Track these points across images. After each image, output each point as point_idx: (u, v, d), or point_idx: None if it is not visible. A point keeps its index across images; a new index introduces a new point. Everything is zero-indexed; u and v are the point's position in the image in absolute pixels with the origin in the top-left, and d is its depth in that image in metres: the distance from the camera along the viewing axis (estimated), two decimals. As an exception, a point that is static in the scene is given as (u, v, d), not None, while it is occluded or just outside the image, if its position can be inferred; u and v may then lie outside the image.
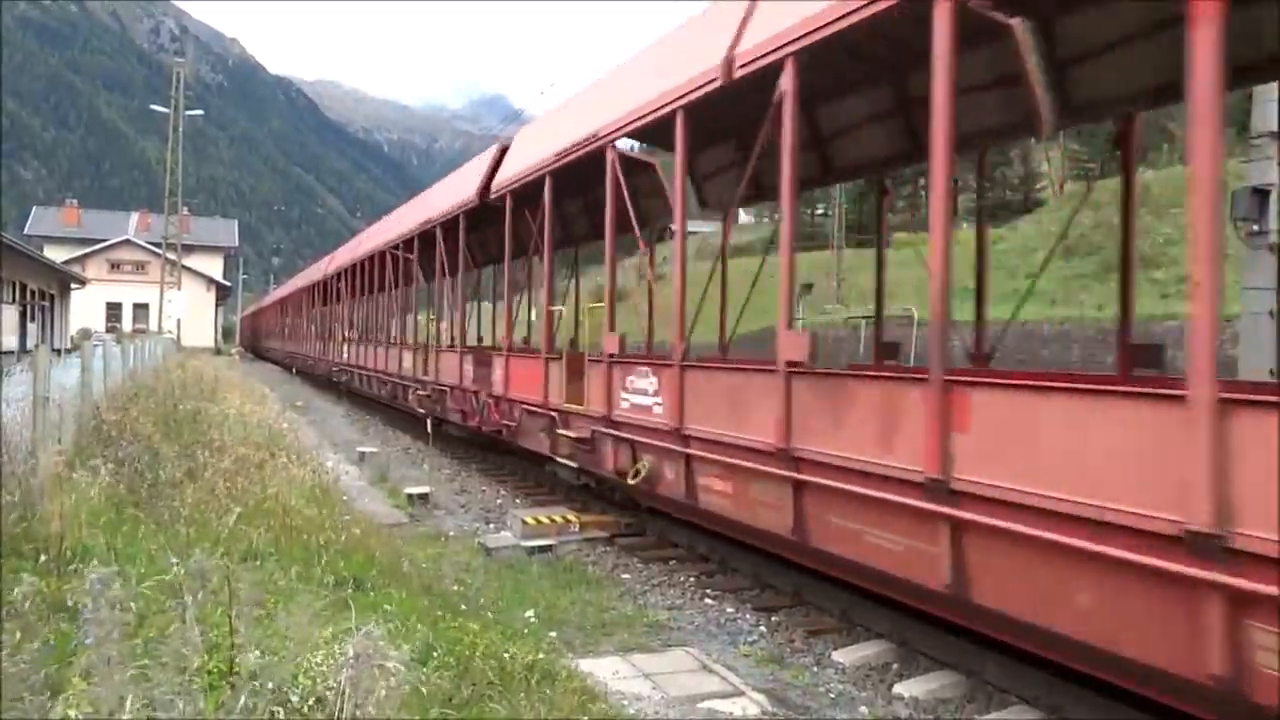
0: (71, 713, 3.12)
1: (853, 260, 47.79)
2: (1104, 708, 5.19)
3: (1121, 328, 8.03)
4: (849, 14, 5.80)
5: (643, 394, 8.80)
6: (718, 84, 7.42)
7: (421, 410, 17.47)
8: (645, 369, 8.82)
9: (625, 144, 9.94)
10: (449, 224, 16.03)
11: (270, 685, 3.42)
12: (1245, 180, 10.94)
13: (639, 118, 8.88)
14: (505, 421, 12.80)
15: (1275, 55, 6.57)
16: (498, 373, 13.23)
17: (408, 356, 19.22)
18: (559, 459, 10.90)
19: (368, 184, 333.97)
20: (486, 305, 22.76)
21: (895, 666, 6.46)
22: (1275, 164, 10.72)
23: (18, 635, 3.66)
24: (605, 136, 9.63)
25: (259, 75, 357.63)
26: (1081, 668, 4.81)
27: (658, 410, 8.48)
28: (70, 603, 4.05)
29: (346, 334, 28.34)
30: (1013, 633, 5.12)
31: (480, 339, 20.29)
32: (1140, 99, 7.59)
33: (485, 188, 13.89)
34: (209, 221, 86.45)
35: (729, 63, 7.27)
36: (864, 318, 28.95)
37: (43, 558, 5.21)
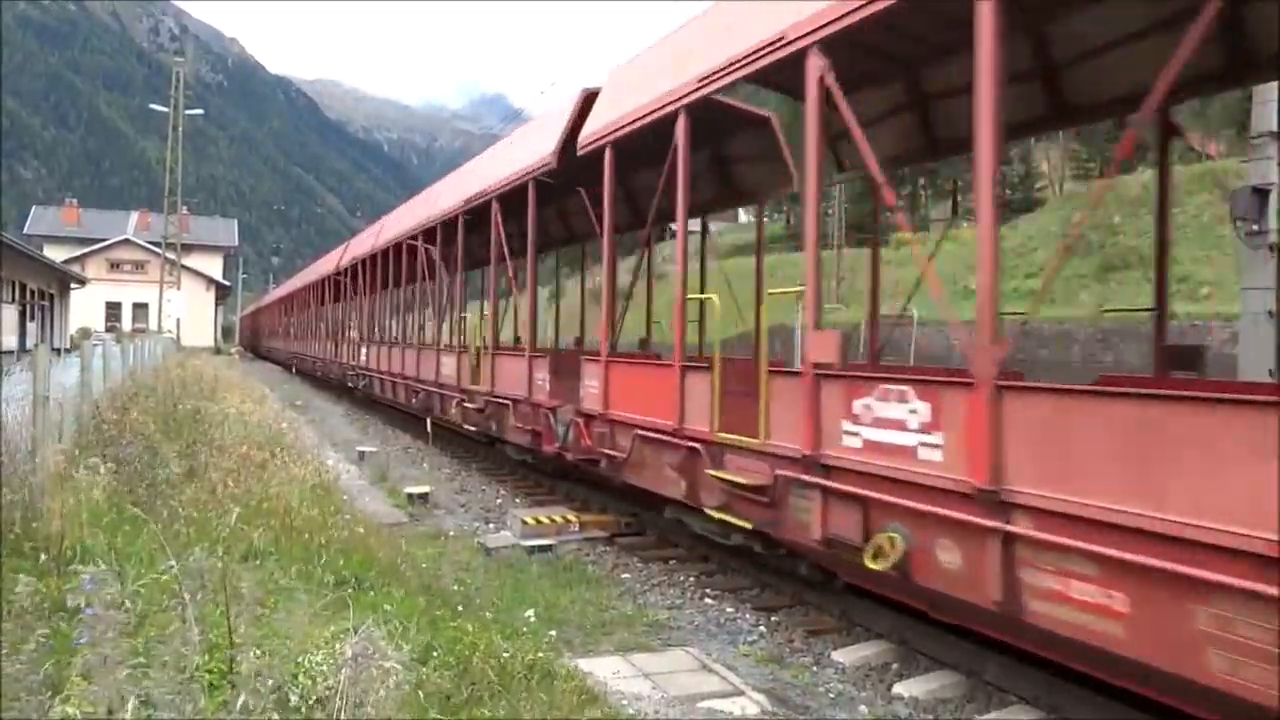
0: (71, 711, 3.13)
1: (851, 260, 47.80)
2: (1103, 707, 5.20)
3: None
4: None
5: (895, 428, 5.66)
6: None
7: (469, 427, 14.77)
8: (903, 389, 5.61)
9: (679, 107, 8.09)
10: (510, 196, 12.68)
11: (270, 685, 3.42)
12: (1245, 180, 10.95)
13: None
14: (606, 450, 9.57)
15: (1274, 54, 6.55)
16: (593, 383, 10.00)
17: (449, 361, 15.90)
18: (709, 510, 7.77)
19: (367, 183, 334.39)
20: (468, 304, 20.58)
21: (895, 666, 6.46)
22: (1275, 163, 10.73)
23: (17, 635, 3.66)
24: (802, 39, 6.42)
25: (259, 74, 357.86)
26: None
27: (930, 455, 5.39)
28: (76, 601, 4.06)
29: (366, 333, 25.06)
30: None
31: (517, 340, 17.42)
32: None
33: (566, 145, 10.78)
34: (208, 221, 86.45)
35: None
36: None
37: (42, 557, 5.22)
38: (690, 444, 8.00)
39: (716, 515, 7.63)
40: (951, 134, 8.63)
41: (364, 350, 24.45)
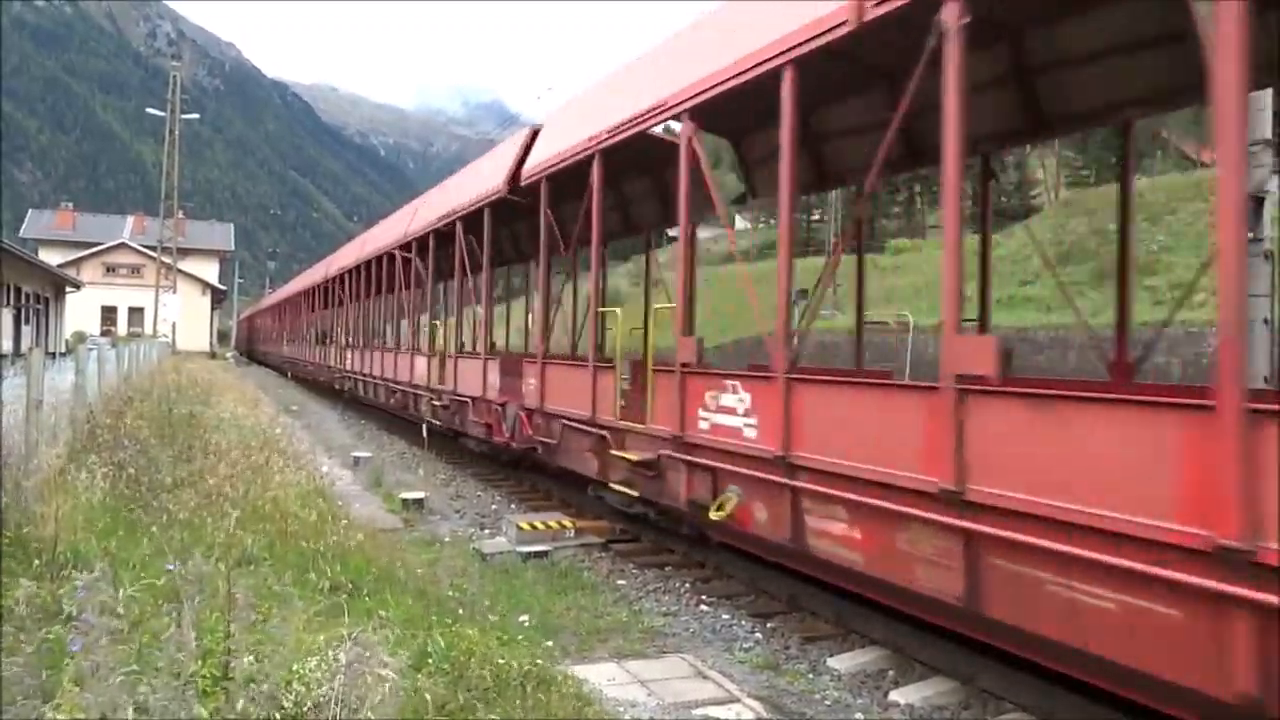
0: (62, 717, 3.11)
1: (847, 265, 47.82)
2: (1099, 715, 5.19)
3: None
4: None
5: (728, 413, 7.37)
6: None
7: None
8: (733, 382, 7.14)
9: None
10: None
11: (265, 691, 3.41)
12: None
13: None
14: (542, 438, 11.56)
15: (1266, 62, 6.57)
16: (531, 382, 11.72)
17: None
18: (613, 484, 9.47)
19: (364, 188, 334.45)
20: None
21: (891, 673, 6.45)
22: (1270, 171, 10.76)
23: (12, 640, 3.65)
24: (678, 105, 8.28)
25: (255, 79, 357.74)
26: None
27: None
28: (70, 605, 4.04)
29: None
30: None
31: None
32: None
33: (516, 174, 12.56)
34: (204, 225, 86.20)
35: None
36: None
37: (36, 562, 5.20)
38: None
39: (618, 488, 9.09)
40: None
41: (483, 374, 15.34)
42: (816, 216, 62.78)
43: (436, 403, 16.14)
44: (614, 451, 9.19)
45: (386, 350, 21.72)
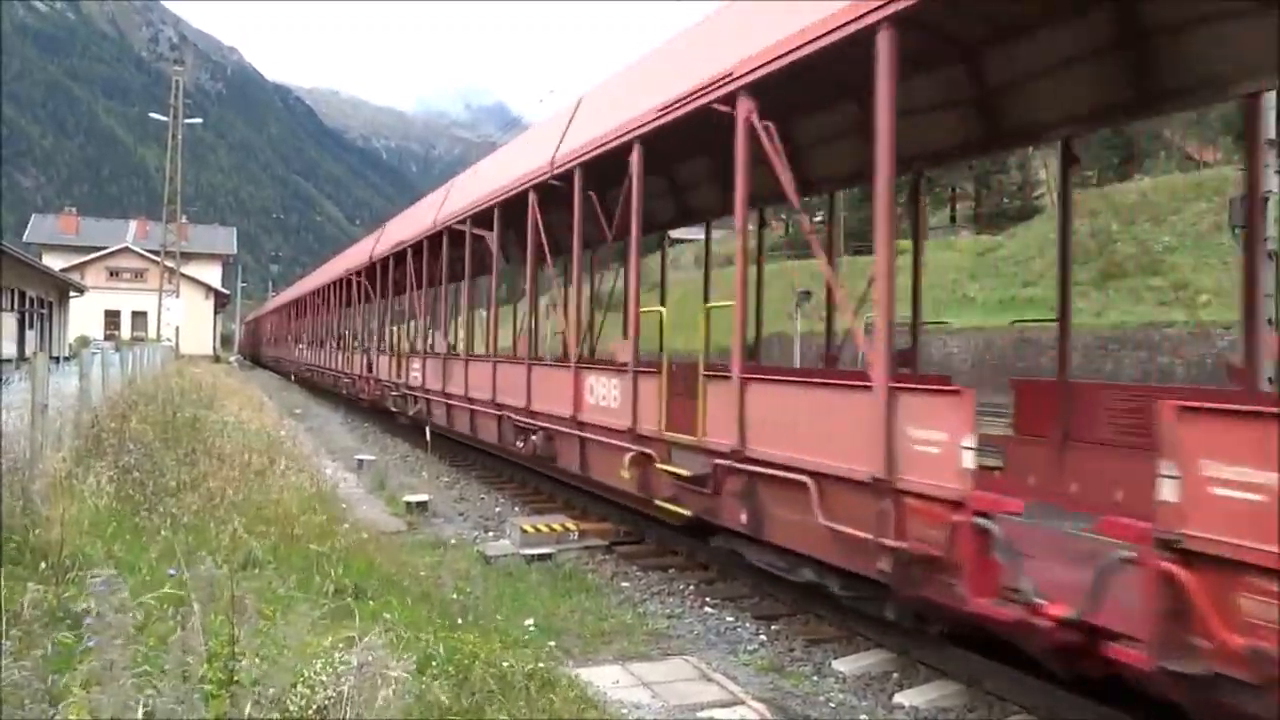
0: (72, 718, 3.12)
1: (849, 268, 47.81)
2: (1105, 718, 5.19)
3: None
4: None
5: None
6: None
7: None
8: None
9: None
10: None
11: (270, 694, 3.42)
12: (1243, 187, 10.97)
13: None
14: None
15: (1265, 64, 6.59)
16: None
17: None
18: None
19: (366, 191, 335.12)
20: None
21: (895, 676, 6.45)
22: (1273, 171, 10.74)
23: (21, 643, 3.65)
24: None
25: (257, 83, 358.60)
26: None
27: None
28: (76, 608, 4.05)
29: None
30: None
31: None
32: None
33: None
34: (207, 229, 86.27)
35: None
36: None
37: (42, 565, 5.21)
38: None
39: None
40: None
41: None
42: (819, 217, 62.71)
43: (665, 466, 8.31)
44: None
45: (502, 361, 13.60)
